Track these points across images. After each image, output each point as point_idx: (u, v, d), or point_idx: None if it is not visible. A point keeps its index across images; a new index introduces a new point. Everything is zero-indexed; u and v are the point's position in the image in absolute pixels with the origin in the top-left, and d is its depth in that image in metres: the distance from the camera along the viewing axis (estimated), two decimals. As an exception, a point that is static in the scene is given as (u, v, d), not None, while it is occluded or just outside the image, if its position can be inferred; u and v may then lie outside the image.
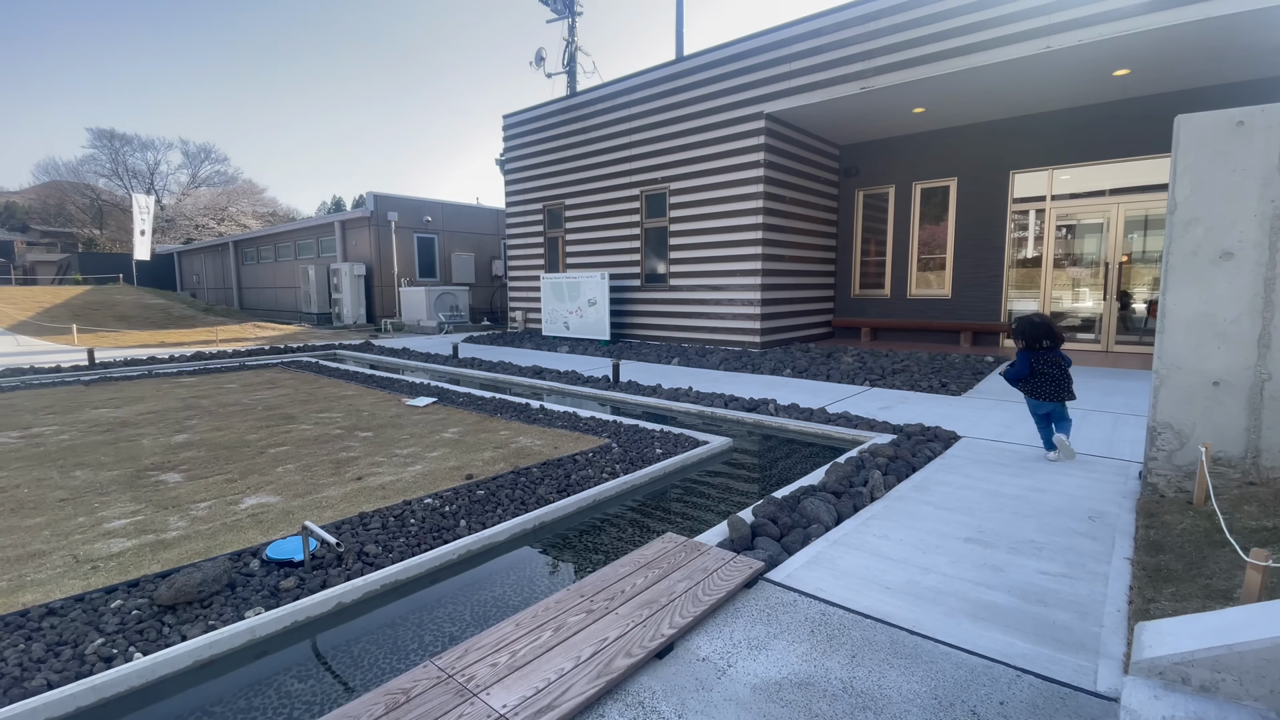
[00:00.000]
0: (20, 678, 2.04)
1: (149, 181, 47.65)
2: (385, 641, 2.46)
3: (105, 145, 46.87)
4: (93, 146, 47.39)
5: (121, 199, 46.90)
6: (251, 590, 2.57)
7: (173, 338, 13.80)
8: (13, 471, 4.36)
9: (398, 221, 18.82)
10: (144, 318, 16.05)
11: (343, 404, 6.74)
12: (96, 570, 2.83)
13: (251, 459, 4.63)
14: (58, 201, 49.53)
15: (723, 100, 10.66)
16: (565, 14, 21.34)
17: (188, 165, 50.20)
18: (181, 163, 49.96)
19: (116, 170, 47.39)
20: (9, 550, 3.07)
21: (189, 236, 41.96)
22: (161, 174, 48.64)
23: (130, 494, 3.87)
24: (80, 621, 2.34)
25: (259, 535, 3.20)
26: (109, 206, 47.59)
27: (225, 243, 28.33)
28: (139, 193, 27.32)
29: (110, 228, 47.34)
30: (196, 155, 50.50)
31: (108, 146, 46.93)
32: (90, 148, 47.81)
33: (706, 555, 2.74)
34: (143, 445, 5.02)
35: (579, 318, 12.63)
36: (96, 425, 5.74)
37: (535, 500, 3.66)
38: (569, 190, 13.81)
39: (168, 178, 49.03)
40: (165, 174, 48.93)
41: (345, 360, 11.02)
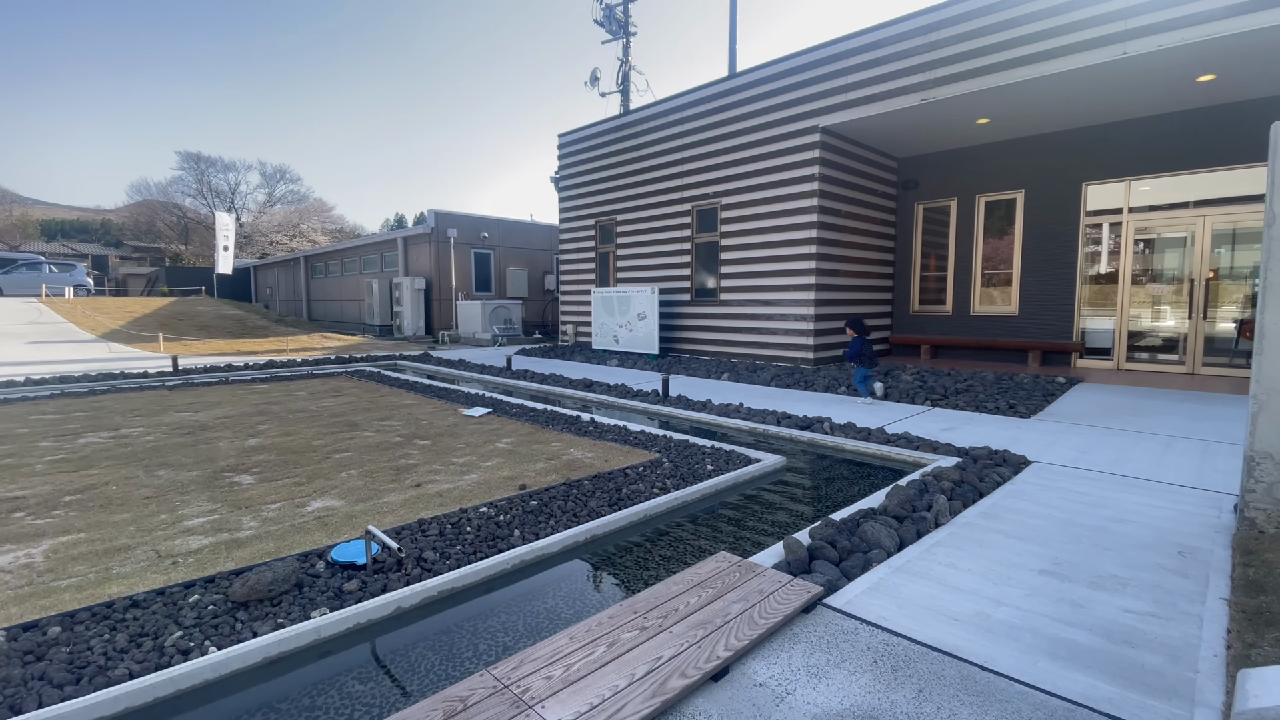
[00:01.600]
0: (104, 666, 2.17)
1: (230, 200, 50.96)
2: (441, 647, 2.49)
3: (192, 167, 50.49)
4: (181, 168, 51.13)
5: (205, 217, 50.32)
6: (317, 591, 2.66)
7: (248, 347, 14.63)
8: (103, 470, 4.68)
9: (456, 237, 19.47)
10: (222, 327, 17.11)
11: (403, 412, 6.97)
12: (176, 566, 2.99)
13: (318, 464, 4.82)
14: (148, 219, 53.59)
15: (777, 115, 10.60)
16: (620, 35, 21.78)
17: (264, 185, 53.48)
18: (259, 183, 53.34)
19: (201, 190, 50.93)
20: (98, 544, 3.29)
21: (264, 252, 44.57)
22: (241, 193, 51.97)
23: (208, 494, 4.09)
24: (161, 614, 2.48)
25: (324, 538, 3.32)
26: (194, 224, 51.10)
27: (296, 258, 29.96)
28: (221, 211, 29.23)
29: (194, 243, 50.78)
30: (273, 176, 53.76)
31: (194, 168, 50.54)
32: (179, 169, 51.63)
33: (762, 577, 2.67)
34: (219, 448, 5.32)
35: (628, 332, 12.70)
36: (178, 428, 6.12)
37: (587, 513, 3.67)
38: (620, 206, 13.98)
39: (246, 197, 52.33)
40: (244, 193, 52.26)
41: (405, 370, 11.41)
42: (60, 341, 13.82)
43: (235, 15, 76.11)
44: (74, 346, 13.44)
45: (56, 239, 65.70)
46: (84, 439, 5.67)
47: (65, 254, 48.93)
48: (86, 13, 69.67)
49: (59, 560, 3.07)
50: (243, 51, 79.28)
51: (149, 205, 53.47)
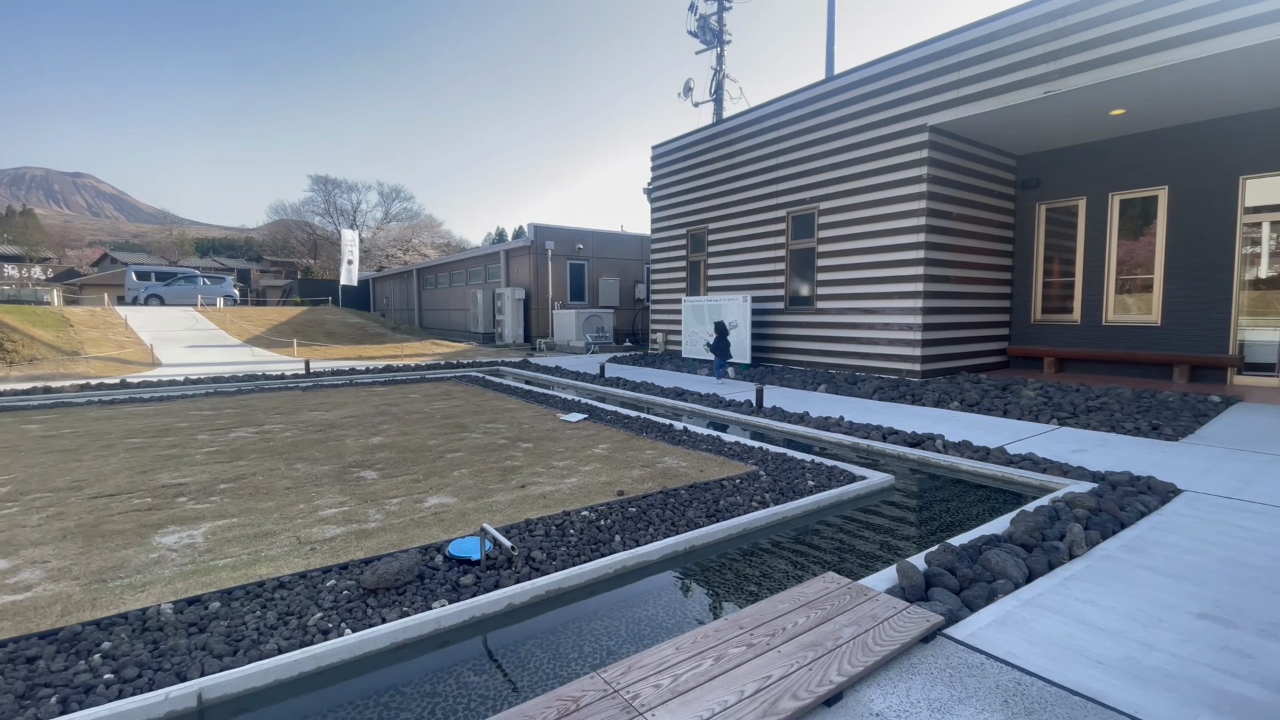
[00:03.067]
0: (257, 640, 2.41)
1: (352, 218, 55.74)
2: (549, 646, 2.57)
3: (321, 189, 55.73)
4: (311, 190, 56.61)
5: (331, 234, 55.35)
6: (437, 583, 2.83)
7: (368, 352, 15.93)
8: (250, 461, 5.24)
9: (553, 249, 20.21)
10: (346, 334, 18.75)
11: (506, 416, 7.29)
12: (314, 552, 3.29)
13: (432, 462, 5.15)
14: (283, 236, 59.71)
15: (880, 115, 10.17)
16: (713, 44, 21.80)
17: (382, 203, 58.07)
18: (377, 201, 58.01)
19: (328, 209, 56.06)
20: (248, 528, 3.68)
21: (381, 265, 48.29)
22: (362, 211, 56.71)
23: (338, 487, 4.47)
24: (303, 596, 2.73)
25: (441, 532, 3.54)
26: (321, 240, 56.33)
27: (410, 270, 32.27)
28: (345, 228, 32.00)
29: (322, 258, 55.92)
30: (389, 195, 58.26)
31: (322, 190, 55.75)
32: (310, 191, 57.19)
33: (874, 601, 2.55)
34: (346, 445, 5.81)
35: (721, 341, 12.58)
36: (312, 426, 6.75)
37: (685, 523, 3.66)
38: (713, 214, 13.94)
39: (366, 214, 57.02)
40: (365, 211, 56.98)
41: (506, 376, 11.96)
42: (212, 345, 15.68)
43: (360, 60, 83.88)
44: (223, 350, 15.20)
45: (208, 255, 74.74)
46: (234, 433, 6.39)
47: (215, 268, 55.40)
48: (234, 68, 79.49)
49: (216, 542, 3.46)
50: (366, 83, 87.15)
51: (284, 224, 59.59)
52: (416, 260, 43.51)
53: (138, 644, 2.35)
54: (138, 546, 3.37)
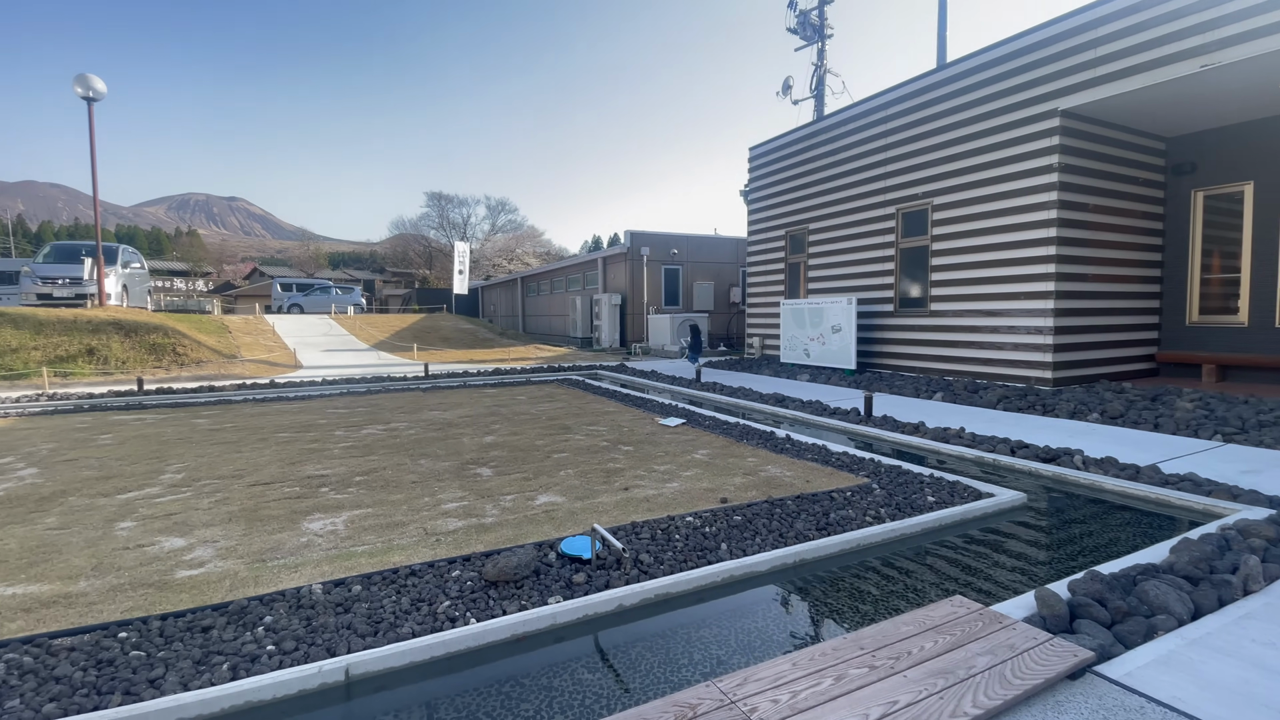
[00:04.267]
0: (394, 623, 2.61)
1: (463, 231, 59.36)
2: (659, 650, 2.59)
3: (435, 204, 59.84)
4: (427, 206, 60.85)
5: (444, 246, 59.21)
6: (551, 579, 2.94)
7: (478, 356, 16.89)
8: (380, 456, 5.70)
9: (648, 255, 20.45)
10: (459, 339, 20.02)
11: (606, 419, 7.46)
12: (440, 543, 3.52)
13: (540, 462, 5.36)
14: (402, 249, 64.65)
15: (1002, 102, 9.43)
16: (814, 39, 21.19)
17: (489, 216, 61.43)
18: (485, 214, 61.57)
19: (442, 223, 60.09)
20: (381, 518, 4.00)
21: (488, 274, 51.09)
22: (471, 224, 60.31)
23: (458, 482, 4.76)
24: (432, 584, 2.93)
25: (552, 530, 3.67)
26: (436, 252, 60.41)
27: (514, 278, 33.90)
28: (458, 240, 34.12)
29: (436, 268, 59.93)
30: (496, 208, 61.50)
31: (437, 205, 59.84)
32: (425, 207, 61.59)
33: (1011, 630, 2.35)
34: (463, 443, 6.18)
35: (820, 345, 12.18)
36: (432, 424, 7.24)
37: (794, 535, 3.56)
38: (814, 214, 13.52)
39: (475, 227, 60.55)
40: (474, 224, 60.55)
41: (604, 379, 12.23)
42: (344, 350, 17.25)
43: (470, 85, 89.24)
44: (354, 354, 16.68)
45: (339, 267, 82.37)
46: (365, 430, 6.98)
47: (345, 279, 60.82)
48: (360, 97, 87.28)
49: (355, 529, 3.80)
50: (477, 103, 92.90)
51: (403, 238, 64.51)
52: (520, 269, 45.62)
53: (294, 620, 2.62)
54: (290, 531, 3.77)
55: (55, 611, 2.79)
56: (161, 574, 3.16)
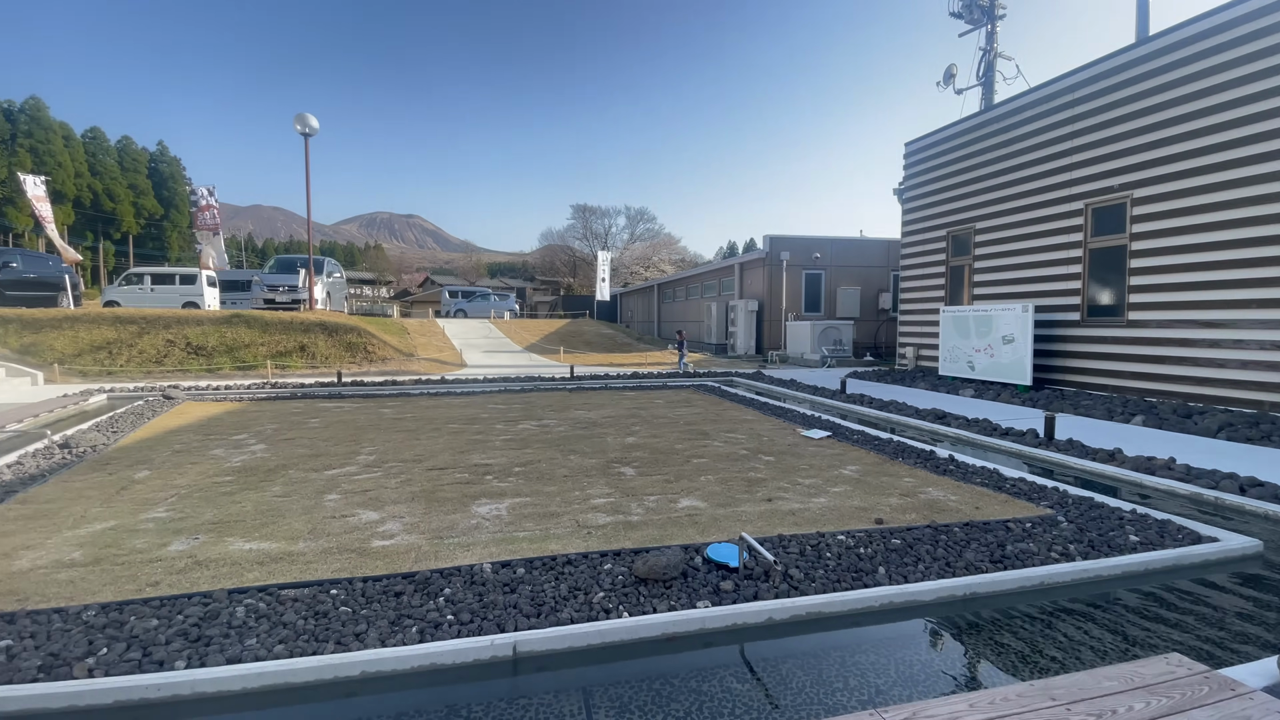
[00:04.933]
0: (554, 608, 2.77)
1: (604, 240, 61.95)
2: (810, 669, 2.49)
3: (580, 216, 63.09)
4: (573, 218, 64.36)
5: (587, 255, 62.16)
6: (699, 583, 2.95)
7: (617, 360, 17.52)
8: (535, 450, 6.10)
9: (788, 260, 19.88)
10: (600, 343, 20.94)
11: (744, 427, 7.36)
12: (591, 536, 3.69)
13: (680, 466, 5.42)
14: (550, 259, 68.88)
15: (1231, 74, 7.93)
16: (983, 21, 19.36)
17: (629, 226, 63.54)
18: (625, 224, 63.73)
19: (585, 234, 63.19)
20: (538, 508, 4.27)
21: (626, 281, 52.77)
22: (612, 234, 62.77)
23: (604, 480, 4.96)
24: (587, 575, 3.07)
25: (696, 534, 3.69)
26: (579, 261, 63.63)
27: (651, 285, 34.71)
28: (600, 249, 35.67)
29: (579, 276, 63.12)
30: (635, 217, 63.48)
31: (581, 217, 63.05)
32: (571, 219, 65.17)
33: (1246, 700, 1.95)
34: (607, 442, 6.43)
35: (988, 357, 11.03)
36: (579, 423, 7.62)
37: (963, 565, 3.25)
38: (981, 213, 12.31)
39: (615, 236, 62.92)
40: (614, 234, 62.97)
41: (739, 387, 12.09)
42: (501, 351, 18.74)
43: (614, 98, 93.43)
44: (509, 355, 18.07)
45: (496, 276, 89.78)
46: (521, 425, 7.52)
47: (501, 287, 66.04)
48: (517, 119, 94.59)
49: (516, 516, 4.09)
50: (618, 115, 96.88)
51: (551, 249, 68.73)
52: (656, 276, 46.60)
53: (468, 594, 2.88)
54: (462, 513, 4.15)
55: (281, 566, 3.31)
56: (361, 542, 3.64)
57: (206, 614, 2.70)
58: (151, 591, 2.98)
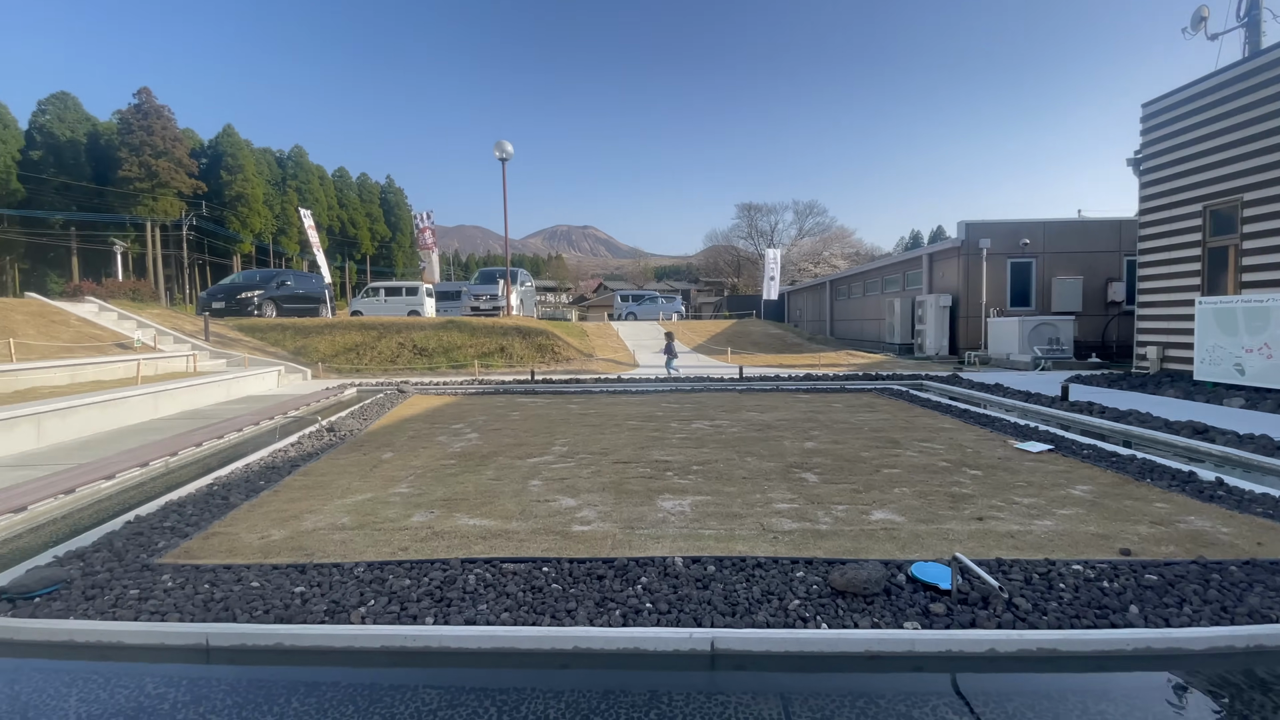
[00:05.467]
0: (748, 609, 2.76)
1: (770, 238, 60.67)
2: (1044, 712, 2.20)
3: (745, 215, 62.44)
4: (738, 217, 63.88)
5: (751, 254, 61.36)
6: (904, 602, 2.76)
7: (787, 360, 17.04)
8: (711, 450, 6.15)
9: (989, 248, 17.75)
10: (768, 344, 20.53)
11: (942, 436, 6.71)
12: (778, 540, 3.63)
13: (869, 475, 5.10)
14: (714, 260, 69.10)
15: None
16: (1258, -58, 15.57)
17: (796, 221, 61.51)
18: (792, 220, 61.73)
19: (750, 232, 62.42)
20: (720, 508, 4.30)
21: (793, 279, 51.16)
22: (779, 231, 61.25)
23: (785, 484, 4.85)
24: (778, 580, 3.02)
25: (895, 549, 3.45)
26: (744, 260, 63.04)
27: (822, 282, 33.22)
28: (766, 248, 35.00)
29: (744, 276, 62.55)
30: (803, 212, 61.28)
31: (746, 215, 62.37)
32: (736, 218, 64.72)
33: None
34: (784, 446, 6.28)
35: (1264, 359, 8.87)
36: (751, 424, 7.55)
37: (1245, 612, 2.64)
38: (1251, 181, 9.92)
39: (782, 233, 61.30)
40: (781, 230, 61.37)
41: (931, 391, 11.05)
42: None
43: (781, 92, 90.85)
44: (678, 356, 18.48)
45: (662, 279, 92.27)
46: (694, 424, 7.64)
47: (666, 289, 67.76)
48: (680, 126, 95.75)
49: (699, 514, 4.16)
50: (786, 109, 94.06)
51: (715, 249, 68.96)
52: (826, 272, 44.47)
53: (663, 585, 2.99)
54: (648, 506, 4.34)
55: (499, 542, 3.73)
56: (563, 525, 3.96)
57: (445, 579, 3.13)
58: (403, 555, 3.53)
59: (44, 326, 12.28)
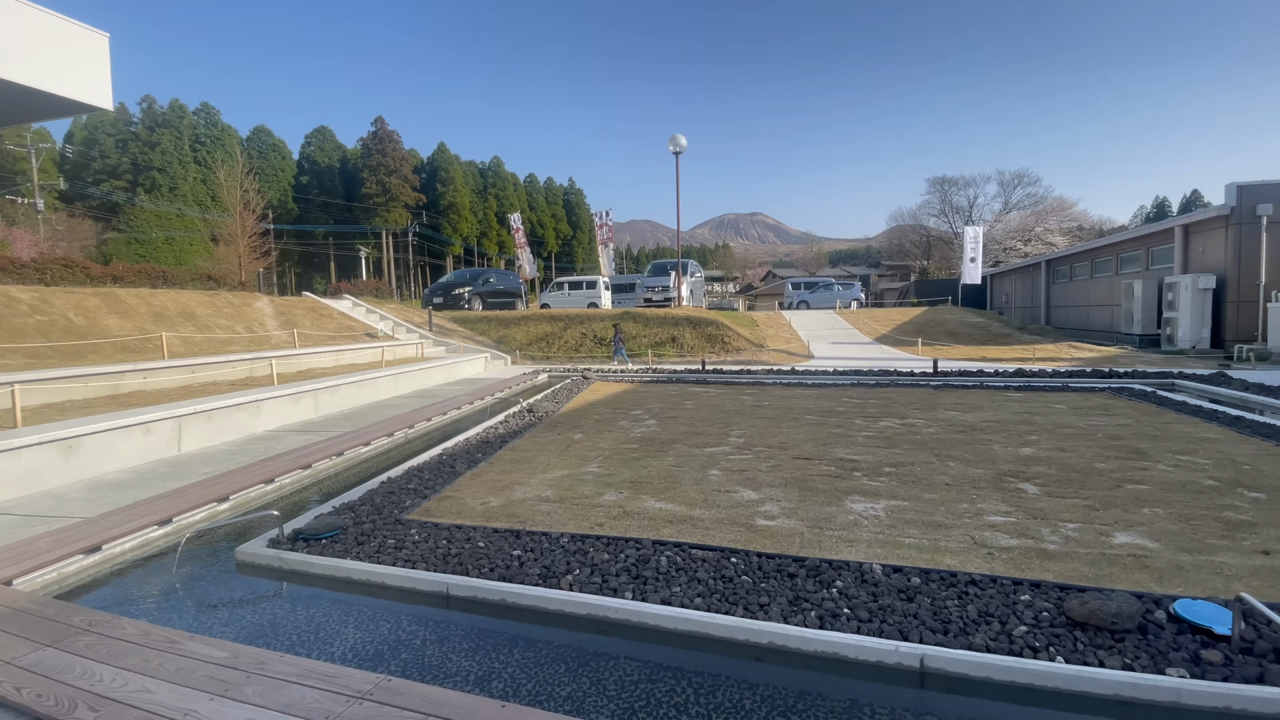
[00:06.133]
0: (963, 629, 2.52)
1: (967, 215, 54.22)
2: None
3: (937, 190, 56.37)
4: (928, 193, 57.84)
5: (945, 233, 55.44)
6: (1165, 645, 2.32)
7: (992, 353, 15.16)
8: (904, 451, 5.70)
9: (1270, 215, 14.06)
10: (967, 334, 18.43)
11: (1206, 448, 5.50)
12: (993, 557, 3.26)
13: (1108, 491, 4.36)
14: (897, 241, 63.58)
15: None
16: None
17: (1001, 194, 54.07)
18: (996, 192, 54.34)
19: (943, 209, 56.26)
20: (919, 514, 3.97)
21: (997, 260, 45.27)
22: (979, 205, 54.43)
23: (997, 495, 4.33)
24: (998, 601, 2.71)
25: (1150, 580, 2.91)
26: (935, 240, 57.17)
27: (1036, 262, 28.90)
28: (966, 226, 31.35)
29: (935, 258, 56.81)
30: (1010, 183, 53.67)
31: (938, 190, 56.27)
32: (926, 194, 58.61)
33: None
34: (994, 450, 5.60)
35: None
36: (951, 425, 6.85)
37: None
38: None
39: (983, 208, 54.38)
40: (981, 205, 54.45)
41: (1187, 393, 9.09)
42: (848, 343, 18.16)
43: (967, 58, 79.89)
44: (857, 346, 17.39)
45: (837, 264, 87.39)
46: (882, 422, 7.14)
47: (843, 275, 64.00)
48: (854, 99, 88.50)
49: (896, 520, 3.88)
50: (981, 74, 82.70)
51: (899, 230, 63.40)
52: (1040, 250, 38.57)
53: (861, 591, 2.85)
54: (836, 506, 4.15)
55: (686, 528, 3.83)
56: (747, 518, 3.96)
57: (640, 558, 3.30)
58: (599, 530, 3.79)
59: (315, 319, 15.22)
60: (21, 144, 33.54)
